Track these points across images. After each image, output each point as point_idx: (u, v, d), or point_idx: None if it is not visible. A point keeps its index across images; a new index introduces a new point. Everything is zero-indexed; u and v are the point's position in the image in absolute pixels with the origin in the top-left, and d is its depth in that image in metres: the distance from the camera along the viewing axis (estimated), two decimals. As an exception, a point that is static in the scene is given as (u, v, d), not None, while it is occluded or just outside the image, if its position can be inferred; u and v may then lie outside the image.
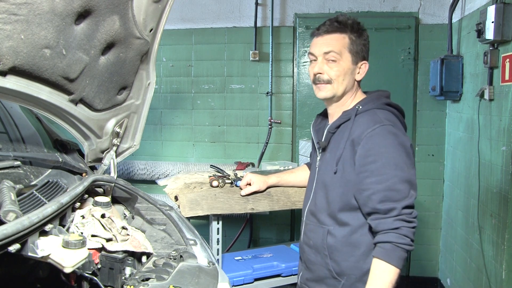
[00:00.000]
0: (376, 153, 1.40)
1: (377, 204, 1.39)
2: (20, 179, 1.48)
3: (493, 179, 2.65)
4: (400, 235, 1.36)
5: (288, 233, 3.90)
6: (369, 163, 1.41)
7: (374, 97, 1.55)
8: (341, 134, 1.52)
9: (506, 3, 2.48)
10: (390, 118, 1.48)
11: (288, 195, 2.48)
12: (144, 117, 1.89)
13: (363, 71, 1.57)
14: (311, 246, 1.60)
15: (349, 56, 1.53)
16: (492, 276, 2.64)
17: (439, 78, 3.21)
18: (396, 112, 1.54)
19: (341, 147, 1.48)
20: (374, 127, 1.43)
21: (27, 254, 1.08)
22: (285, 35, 3.78)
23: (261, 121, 3.86)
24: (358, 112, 1.50)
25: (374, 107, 1.51)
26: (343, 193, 1.49)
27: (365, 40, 1.55)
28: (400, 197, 1.38)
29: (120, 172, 3.84)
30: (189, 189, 2.36)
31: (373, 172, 1.40)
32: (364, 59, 1.56)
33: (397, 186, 1.38)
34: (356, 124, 1.48)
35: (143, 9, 1.53)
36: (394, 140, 1.41)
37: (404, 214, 1.37)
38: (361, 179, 1.43)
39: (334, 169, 1.50)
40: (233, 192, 2.39)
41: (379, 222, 1.39)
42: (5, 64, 1.22)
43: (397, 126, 1.46)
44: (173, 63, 3.95)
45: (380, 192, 1.39)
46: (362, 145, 1.42)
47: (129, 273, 1.37)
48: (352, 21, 1.53)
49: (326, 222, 1.54)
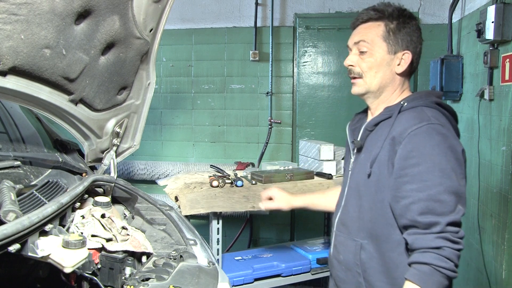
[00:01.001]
0: (419, 155, 1.18)
1: (417, 216, 1.16)
2: (20, 179, 1.48)
3: (493, 179, 2.65)
4: (442, 257, 1.13)
5: (288, 233, 3.90)
6: (410, 166, 1.19)
7: (424, 94, 1.32)
8: (379, 132, 1.31)
9: (506, 3, 2.48)
10: (440, 118, 1.25)
11: (288, 195, 2.49)
12: (144, 117, 1.89)
13: (405, 62, 1.33)
14: (341, 262, 1.39)
15: (384, 45, 1.32)
16: (492, 276, 2.64)
17: (439, 78, 3.21)
18: (448, 114, 1.31)
19: (378, 146, 1.27)
20: (420, 124, 1.21)
21: (27, 254, 1.08)
22: (285, 35, 3.78)
23: (261, 121, 3.86)
24: (402, 108, 1.28)
25: (422, 104, 1.28)
26: (378, 200, 1.27)
27: (411, 28, 1.32)
28: (445, 211, 1.14)
29: (120, 172, 3.84)
30: (189, 189, 2.36)
31: (414, 177, 1.18)
32: (408, 49, 1.33)
33: (442, 197, 1.15)
34: (398, 121, 1.26)
35: (143, 9, 1.53)
36: (443, 142, 1.19)
37: (449, 232, 1.14)
38: (399, 185, 1.21)
39: (368, 171, 1.29)
40: (233, 192, 2.39)
41: (417, 238, 1.17)
42: (5, 64, 1.22)
43: (447, 128, 1.24)
44: (173, 63, 3.95)
45: (421, 201, 1.16)
46: (404, 145, 1.21)
47: (129, 273, 1.37)
48: (393, 8, 1.33)
49: (359, 235, 1.32)
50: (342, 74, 3.73)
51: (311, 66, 3.76)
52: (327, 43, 3.72)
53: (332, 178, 2.63)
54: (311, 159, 2.84)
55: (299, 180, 2.59)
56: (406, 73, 1.36)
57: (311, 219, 3.79)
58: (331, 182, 2.59)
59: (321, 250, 2.68)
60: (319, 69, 3.76)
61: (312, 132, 3.79)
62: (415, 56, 1.34)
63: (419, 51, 1.36)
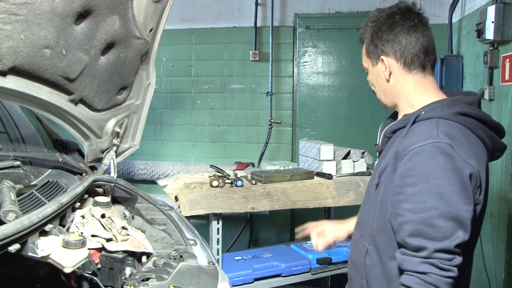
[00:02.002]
0: (417, 175, 1.12)
1: (406, 236, 1.13)
2: (20, 179, 1.48)
3: (493, 179, 2.65)
4: (425, 283, 1.08)
5: (288, 233, 3.90)
6: (407, 185, 1.14)
7: (446, 103, 1.21)
8: (394, 141, 1.26)
9: (506, 3, 2.48)
10: (454, 134, 1.15)
11: (288, 195, 2.49)
12: (144, 117, 1.89)
13: (388, 66, 1.29)
14: (352, 261, 1.41)
15: (369, 61, 1.34)
16: (492, 276, 2.64)
17: (439, 78, 3.21)
18: (476, 125, 1.20)
19: (388, 158, 1.23)
20: (424, 142, 1.13)
21: (27, 254, 1.08)
22: (285, 35, 3.78)
23: (261, 121, 3.86)
24: (418, 118, 1.21)
25: (439, 116, 1.18)
26: (381, 212, 1.25)
27: (384, 30, 1.28)
28: (437, 236, 1.09)
29: (120, 172, 3.84)
30: (189, 189, 2.36)
31: (410, 197, 1.13)
32: (383, 53, 1.29)
33: (436, 222, 1.09)
34: (408, 134, 1.20)
35: (143, 9, 1.53)
36: (446, 163, 1.11)
37: (437, 258, 1.09)
38: (396, 202, 1.17)
39: (376, 181, 1.27)
40: (233, 192, 2.39)
41: (405, 259, 1.13)
42: (5, 64, 1.22)
43: (459, 146, 1.13)
44: (173, 63, 3.95)
45: (413, 223, 1.11)
46: (404, 162, 1.15)
47: (129, 273, 1.37)
48: (369, 20, 1.32)
49: (367, 240, 1.32)
50: (342, 74, 3.73)
51: (311, 66, 3.76)
52: (327, 43, 3.72)
53: (332, 178, 2.63)
54: (311, 159, 2.84)
55: (299, 180, 2.59)
56: (402, 75, 1.29)
57: (311, 219, 3.77)
58: (331, 182, 2.59)
59: (321, 250, 2.68)
60: (319, 69, 3.76)
61: (312, 132, 3.79)
62: (397, 53, 1.27)
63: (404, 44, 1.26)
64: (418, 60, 1.27)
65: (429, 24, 1.31)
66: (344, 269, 2.67)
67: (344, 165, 2.76)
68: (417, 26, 1.27)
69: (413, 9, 1.31)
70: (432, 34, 1.30)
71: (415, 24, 1.27)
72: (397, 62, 1.28)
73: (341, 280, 3.75)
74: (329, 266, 2.62)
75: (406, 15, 1.28)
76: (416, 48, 1.26)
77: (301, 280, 2.59)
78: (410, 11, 1.30)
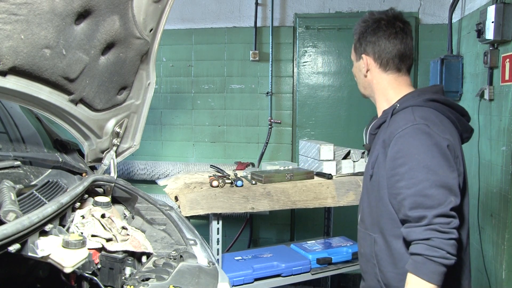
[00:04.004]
0: (405, 155, 1.29)
1: (408, 211, 1.27)
2: (20, 179, 1.48)
3: (493, 179, 2.65)
4: (431, 247, 1.22)
5: (288, 233, 3.90)
6: (398, 165, 1.30)
7: (416, 93, 1.42)
8: (379, 135, 1.44)
9: (506, 3, 2.48)
10: (428, 116, 1.35)
11: (288, 195, 2.49)
12: (144, 117, 1.89)
13: (366, 64, 1.48)
14: (362, 254, 1.53)
15: (354, 56, 1.54)
16: (492, 276, 2.64)
17: (439, 78, 3.21)
18: (445, 108, 1.40)
19: (377, 149, 1.41)
20: (404, 126, 1.32)
21: (27, 254, 1.09)
22: (285, 35, 3.78)
23: (261, 121, 3.86)
24: (395, 110, 1.39)
25: (412, 104, 1.38)
26: (379, 198, 1.40)
27: (367, 31, 1.46)
28: (433, 204, 1.24)
29: (120, 172, 3.84)
30: (189, 189, 2.37)
31: (403, 176, 1.29)
32: (364, 52, 1.47)
33: (429, 191, 1.25)
34: (390, 124, 1.38)
35: (143, 9, 1.53)
36: (427, 140, 1.29)
37: (437, 223, 1.23)
38: (392, 183, 1.33)
39: (370, 172, 1.43)
40: (233, 192, 2.39)
41: (410, 231, 1.27)
42: (5, 64, 1.22)
43: (434, 125, 1.32)
44: (173, 63, 3.95)
45: (410, 197, 1.27)
46: (391, 147, 1.33)
47: (129, 273, 1.37)
48: (361, 19, 1.50)
49: (372, 230, 1.45)
50: (342, 74, 3.73)
51: (311, 66, 3.76)
52: (327, 43, 3.72)
53: (332, 178, 2.63)
54: (311, 159, 2.84)
55: (299, 180, 2.59)
56: (378, 73, 1.47)
57: (311, 219, 3.79)
58: (331, 182, 2.59)
59: (321, 250, 2.68)
60: (319, 69, 3.76)
61: (312, 132, 3.79)
62: (376, 54, 1.45)
63: (382, 48, 1.44)
64: (393, 63, 1.45)
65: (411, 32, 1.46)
66: (344, 269, 2.67)
67: (344, 165, 2.76)
68: (398, 33, 1.43)
69: (399, 18, 1.46)
70: (411, 41, 1.46)
71: (396, 32, 1.43)
72: (374, 62, 1.46)
73: (341, 280, 3.76)
74: (329, 266, 2.62)
75: (391, 22, 1.44)
76: (392, 53, 1.44)
77: (301, 280, 2.59)
78: (396, 18, 1.45)
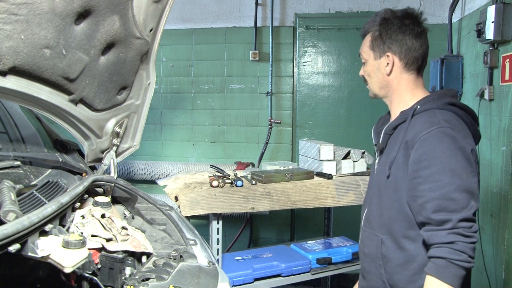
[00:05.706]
0: (430, 158, 1.29)
1: (431, 213, 1.27)
2: (20, 179, 1.48)
3: (493, 179, 2.65)
4: (455, 251, 1.23)
5: (288, 233, 3.90)
6: (422, 168, 1.30)
7: (436, 96, 1.41)
8: (397, 136, 1.42)
9: (506, 3, 2.48)
10: (450, 119, 1.34)
11: (288, 195, 2.49)
12: (144, 117, 1.89)
13: (390, 63, 1.44)
14: (366, 254, 1.52)
15: (371, 53, 1.47)
16: (492, 276, 2.64)
17: (439, 78, 3.21)
18: (462, 113, 1.39)
19: (395, 150, 1.39)
20: (430, 129, 1.30)
21: (27, 254, 1.09)
22: (285, 35, 3.78)
23: (261, 121, 3.86)
24: (415, 112, 1.38)
25: (434, 107, 1.37)
26: (396, 199, 1.39)
27: (392, 29, 1.42)
28: (457, 208, 1.24)
29: (120, 172, 3.84)
30: (189, 189, 2.37)
31: (426, 179, 1.29)
32: (390, 50, 1.43)
33: (454, 195, 1.25)
34: (412, 126, 1.36)
35: (143, 9, 1.53)
36: (452, 144, 1.28)
37: (461, 227, 1.24)
38: (414, 186, 1.32)
39: (387, 173, 1.40)
40: (233, 192, 2.39)
41: (432, 234, 1.27)
42: (5, 64, 1.22)
43: (457, 129, 1.32)
44: (173, 63, 3.95)
45: (434, 200, 1.26)
46: (416, 149, 1.32)
47: (129, 273, 1.37)
48: (380, 16, 1.45)
49: (380, 231, 1.45)
50: (342, 74, 3.73)
51: (311, 66, 3.76)
52: (327, 43, 3.72)
53: (332, 178, 2.63)
54: (311, 159, 2.84)
55: (299, 180, 2.59)
56: (401, 72, 1.45)
57: (311, 219, 3.79)
58: (331, 182, 2.59)
59: (321, 250, 2.68)
60: (319, 69, 3.76)
61: (312, 132, 3.79)
62: (402, 53, 1.43)
63: (409, 46, 1.42)
64: (416, 63, 1.44)
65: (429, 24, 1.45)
66: (344, 269, 2.67)
67: (344, 165, 2.76)
68: (422, 34, 1.43)
69: (419, 19, 1.45)
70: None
71: (421, 32, 1.43)
72: (400, 61, 1.44)
73: (341, 280, 3.76)
74: (329, 266, 2.62)
75: (415, 22, 1.44)
76: (418, 53, 1.43)
77: (301, 280, 2.59)
78: (417, 19, 1.45)
